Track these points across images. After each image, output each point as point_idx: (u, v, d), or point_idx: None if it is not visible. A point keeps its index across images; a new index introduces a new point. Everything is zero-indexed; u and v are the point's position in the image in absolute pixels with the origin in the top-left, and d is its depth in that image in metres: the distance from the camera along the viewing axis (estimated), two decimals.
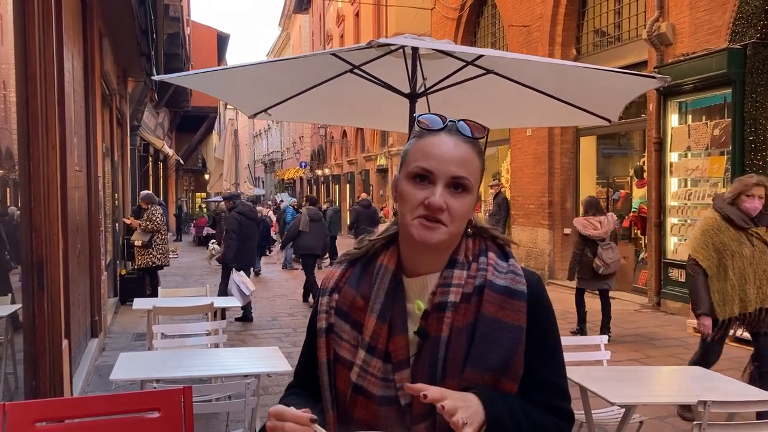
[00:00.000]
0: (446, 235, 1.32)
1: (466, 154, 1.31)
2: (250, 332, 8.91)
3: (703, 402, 2.81)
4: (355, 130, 30.45)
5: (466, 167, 1.31)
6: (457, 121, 1.33)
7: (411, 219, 1.32)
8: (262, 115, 5.44)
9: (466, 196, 1.32)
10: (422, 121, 1.35)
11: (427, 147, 1.32)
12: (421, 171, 1.31)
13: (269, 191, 56.82)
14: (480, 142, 1.35)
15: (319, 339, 1.42)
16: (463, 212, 1.32)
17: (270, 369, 3.62)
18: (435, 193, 1.29)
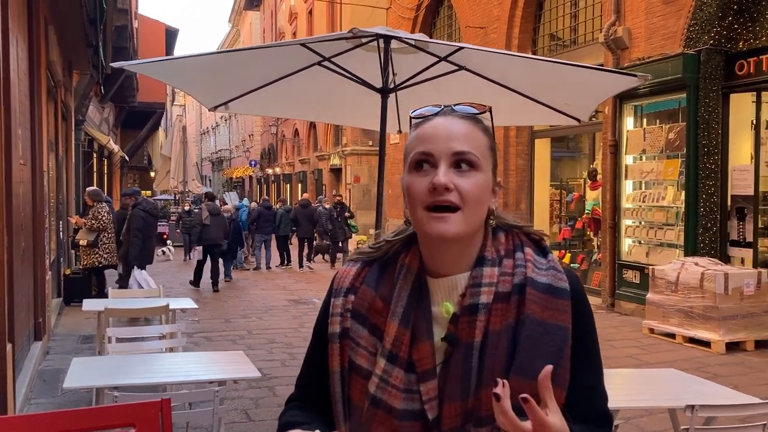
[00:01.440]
0: (463, 223, 1.18)
1: (466, 129, 1.20)
2: (204, 334, 8.62)
3: (691, 406, 2.75)
4: (308, 129, 30.15)
5: (469, 142, 1.19)
6: (453, 105, 1.24)
7: (420, 213, 1.19)
8: (221, 108, 5.21)
9: (475, 174, 1.18)
10: (416, 114, 1.27)
11: (423, 132, 1.22)
12: (420, 156, 1.20)
13: (217, 190, 55.85)
14: (485, 118, 1.24)
15: (332, 345, 1.27)
16: (476, 192, 1.18)
17: (237, 375, 3.42)
18: (438, 173, 1.17)
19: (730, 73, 8.90)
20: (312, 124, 29.20)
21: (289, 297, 12.08)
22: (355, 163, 23.45)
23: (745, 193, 8.83)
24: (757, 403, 2.90)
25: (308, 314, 10.31)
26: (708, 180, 8.89)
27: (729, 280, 7.61)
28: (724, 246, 9.02)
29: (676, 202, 9.48)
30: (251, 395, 5.92)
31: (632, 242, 10.33)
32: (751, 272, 7.88)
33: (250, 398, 5.85)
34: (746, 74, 8.78)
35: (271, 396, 6.00)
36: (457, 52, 4.34)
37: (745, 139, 9.13)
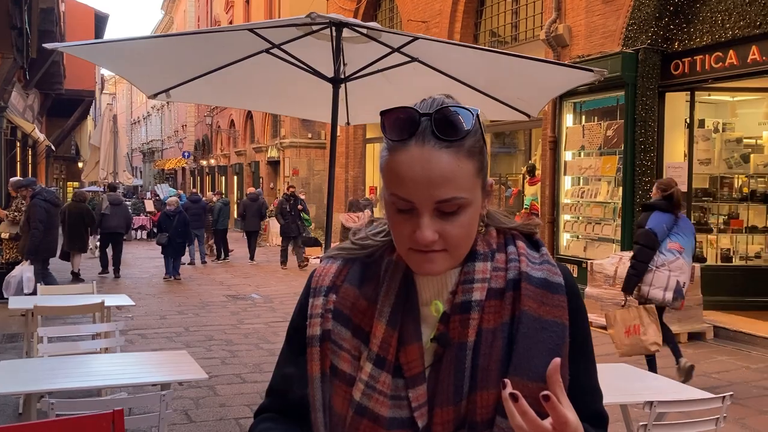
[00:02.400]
0: (450, 261, 1.09)
1: (447, 168, 1.02)
2: (139, 332, 8.29)
3: (650, 403, 2.75)
4: (245, 120, 29.57)
5: (454, 182, 1.03)
6: (433, 115, 1.03)
7: (405, 250, 1.09)
8: (162, 96, 4.96)
9: (463, 214, 1.06)
10: (387, 126, 1.06)
11: (397, 168, 1.04)
12: (399, 201, 1.05)
13: (148, 182, 54.32)
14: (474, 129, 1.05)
15: (311, 349, 1.15)
16: (465, 233, 1.08)
17: (182, 376, 3.23)
18: (421, 226, 1.04)
19: (666, 73, 9.14)
20: (249, 114, 28.66)
21: (227, 292, 11.79)
22: (294, 156, 23.14)
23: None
24: (711, 398, 2.93)
25: (247, 310, 10.08)
26: (644, 176, 9.12)
27: None
28: None
29: (613, 198, 9.70)
30: (191, 395, 5.70)
31: (570, 237, 10.52)
32: None
33: (190, 398, 5.63)
34: (681, 74, 9.04)
35: (212, 395, 5.79)
36: (411, 43, 4.23)
37: (678, 137, 9.41)
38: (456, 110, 1.04)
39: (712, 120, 9.73)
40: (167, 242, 13.12)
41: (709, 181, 9.50)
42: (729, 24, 8.37)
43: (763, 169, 9.56)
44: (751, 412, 5.50)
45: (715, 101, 9.90)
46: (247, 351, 7.48)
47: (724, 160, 9.51)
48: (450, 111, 1.04)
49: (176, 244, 13.31)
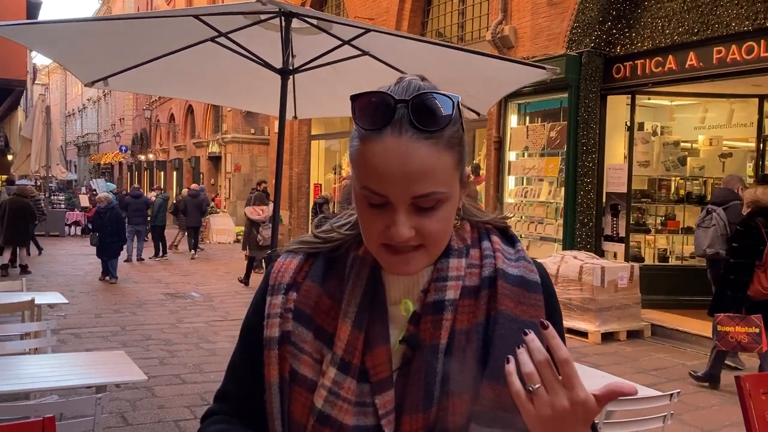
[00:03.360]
0: (427, 258, 1.00)
1: (426, 161, 0.93)
2: (72, 331, 7.94)
3: None
4: (185, 114, 28.90)
5: (432, 176, 0.94)
6: (410, 102, 0.93)
7: (377, 247, 0.99)
8: (99, 84, 4.74)
9: (441, 209, 0.97)
10: (359, 112, 0.96)
11: (370, 160, 0.94)
12: (373, 196, 0.95)
13: (83, 176, 52.60)
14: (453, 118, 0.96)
15: (269, 351, 1.05)
16: (442, 228, 0.99)
17: (119, 378, 3.06)
18: (396, 223, 0.95)
19: (608, 76, 9.34)
20: (189, 108, 28.03)
21: (165, 290, 11.45)
22: (236, 152, 22.73)
23: (619, 190, 9.31)
24: (660, 395, 2.95)
25: (187, 309, 9.81)
26: (586, 177, 9.28)
27: (605, 273, 7.97)
28: (599, 241, 9.47)
29: (555, 198, 9.85)
30: (128, 397, 5.47)
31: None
32: (625, 266, 8.30)
33: (126, 400, 5.40)
34: (623, 77, 9.24)
35: (149, 397, 5.57)
36: (362, 36, 4.15)
37: (619, 139, 9.62)
38: (435, 96, 0.94)
39: (651, 123, 9.99)
40: (99, 242, 12.11)
41: (648, 182, 9.75)
42: (669, 30, 8.59)
43: (698, 171, 9.87)
44: (688, 408, 5.63)
45: (655, 105, 10.17)
46: (187, 351, 7.25)
47: (662, 163, 9.77)
48: (428, 97, 0.94)
49: (107, 244, 12.04)
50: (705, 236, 6.84)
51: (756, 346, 5.44)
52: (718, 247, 6.66)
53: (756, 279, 5.53)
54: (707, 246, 6.65)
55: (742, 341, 5.50)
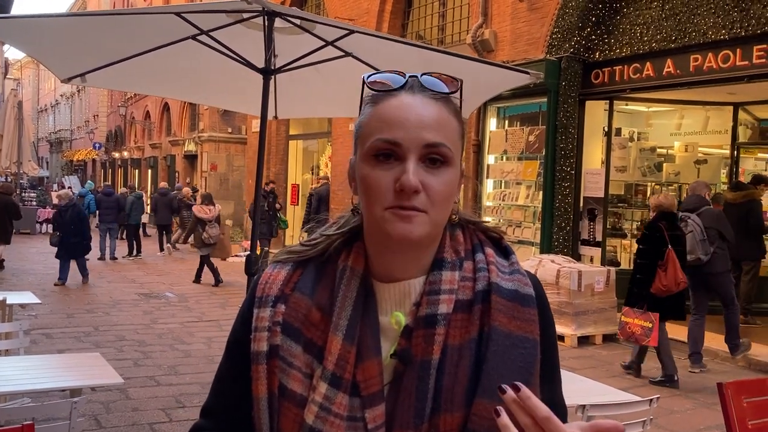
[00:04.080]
0: (429, 225, 0.99)
1: (439, 114, 0.99)
2: (43, 331, 7.78)
3: (582, 406, 2.75)
4: (161, 112, 28.59)
5: (443, 131, 0.99)
6: (420, 75, 1.02)
7: (381, 212, 0.98)
8: (77, 81, 4.64)
9: (447, 171, 0.99)
10: (375, 81, 1.02)
11: (387, 112, 0.98)
12: (384, 145, 0.97)
13: (55, 173, 51.79)
14: (455, 98, 1.03)
15: (257, 366, 1.03)
16: (446, 193, 0.99)
17: (95, 381, 2.99)
18: (407, 170, 0.95)
19: (587, 81, 9.42)
20: (166, 106, 27.74)
21: (140, 290, 11.29)
22: (213, 150, 22.52)
23: (596, 195, 9.39)
24: (640, 401, 2.97)
25: (161, 309, 9.69)
26: (564, 182, 9.35)
27: (582, 277, 8.03)
28: (575, 244, 9.54)
29: (533, 202, 9.90)
30: (101, 399, 5.38)
31: None
32: (602, 270, 8.37)
33: (100, 402, 5.30)
34: (601, 83, 9.32)
35: (123, 399, 5.48)
36: (346, 37, 4.12)
37: (597, 144, 9.70)
38: (440, 74, 1.04)
39: (629, 129, 10.10)
40: (58, 242, 11.30)
41: (624, 187, 9.85)
42: (647, 37, 8.69)
43: (674, 177, 9.99)
44: (663, 411, 5.68)
45: (632, 111, 10.28)
46: (162, 352, 7.15)
47: (639, 168, 9.88)
48: (435, 74, 1.03)
49: (69, 244, 11.28)
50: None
51: (644, 339, 6.20)
52: (699, 253, 6.74)
53: (657, 278, 6.10)
54: (687, 252, 6.71)
55: (636, 333, 6.25)
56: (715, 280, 6.94)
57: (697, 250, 6.76)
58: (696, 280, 6.92)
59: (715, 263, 6.86)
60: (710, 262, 6.81)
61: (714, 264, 6.85)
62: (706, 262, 6.80)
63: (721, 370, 7.05)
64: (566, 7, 9.22)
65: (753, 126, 9.94)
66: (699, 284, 6.94)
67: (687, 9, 8.22)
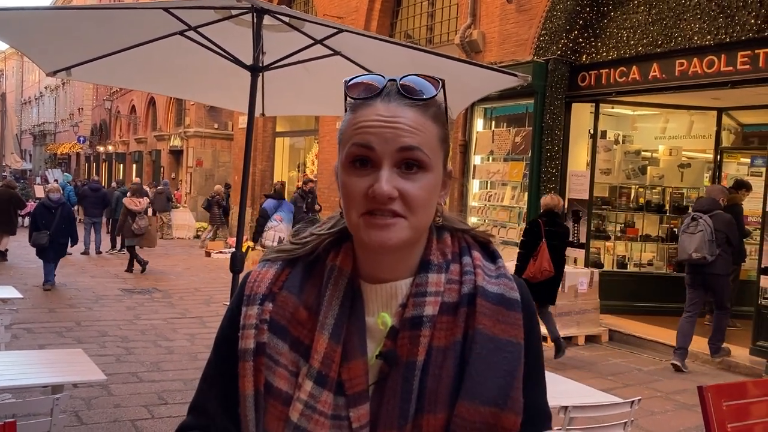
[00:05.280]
0: (408, 230, 0.99)
1: (414, 119, 0.99)
2: (24, 326, 7.71)
3: (564, 407, 2.77)
4: (146, 106, 28.39)
5: (418, 135, 0.98)
6: (399, 79, 1.01)
7: (357, 218, 0.99)
8: (62, 74, 4.61)
9: (424, 176, 0.99)
10: (352, 88, 1.03)
11: (362, 118, 0.99)
12: (358, 151, 0.98)
13: (38, 166, 51.29)
14: (438, 101, 1.02)
15: (244, 363, 1.04)
16: (424, 197, 1.00)
17: (78, 377, 2.97)
18: (380, 178, 0.96)
19: (574, 84, 9.46)
20: (151, 100, 27.55)
21: (123, 286, 11.22)
22: (198, 146, 22.40)
23: (581, 197, 9.45)
24: (621, 402, 3.00)
25: (144, 305, 9.63)
26: (549, 183, 9.39)
27: (566, 278, 8.07)
28: None
29: (518, 203, 9.94)
30: (82, 395, 5.34)
31: None
32: (585, 271, 8.43)
33: (81, 398, 5.26)
34: (587, 86, 9.38)
35: (105, 395, 5.45)
36: (335, 36, 4.12)
37: (582, 146, 9.76)
38: (421, 77, 1.02)
39: (614, 132, 10.16)
40: (48, 243, 10.27)
41: (609, 190, 9.91)
42: (633, 41, 8.75)
43: (658, 180, 10.07)
44: (643, 413, 5.73)
45: (617, 114, 10.34)
46: (144, 348, 7.12)
47: (623, 171, 9.95)
48: (416, 78, 1.02)
49: (59, 245, 10.50)
50: (690, 241, 7.07)
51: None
52: (705, 252, 6.95)
53: (528, 266, 6.83)
54: (694, 250, 6.96)
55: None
56: (716, 281, 7.14)
57: (704, 249, 6.95)
58: (696, 278, 7.19)
59: (718, 265, 7.05)
60: (713, 263, 7.01)
61: (717, 265, 7.05)
62: (711, 262, 7.00)
63: (701, 372, 7.14)
64: (554, 9, 9.26)
65: (736, 131, 10.05)
66: (698, 283, 7.20)
67: (673, 14, 8.28)
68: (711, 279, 7.11)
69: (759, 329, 7.33)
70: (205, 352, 7.05)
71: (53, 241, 10.35)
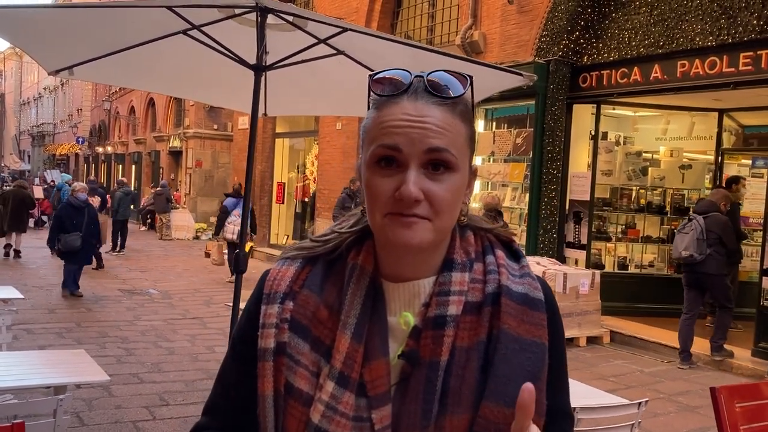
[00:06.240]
0: (432, 232, 0.97)
1: (443, 118, 0.96)
2: (24, 326, 7.68)
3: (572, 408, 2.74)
4: (146, 107, 28.36)
5: (446, 135, 0.96)
6: (426, 75, 0.99)
7: (381, 218, 0.97)
8: (65, 73, 4.59)
9: (451, 177, 0.97)
10: (377, 83, 1.00)
11: (388, 117, 0.97)
12: (384, 151, 0.96)
13: (36, 167, 51.25)
14: (465, 99, 1.00)
15: (263, 363, 1.02)
16: (451, 200, 0.98)
17: (81, 378, 2.95)
18: (407, 180, 0.94)
19: (575, 85, 9.46)
20: (151, 101, 27.52)
21: (122, 286, 11.19)
22: (198, 147, 22.37)
23: (582, 198, 9.44)
24: (628, 404, 2.98)
25: (144, 306, 9.60)
26: (550, 184, 9.38)
27: (567, 279, 8.07)
28: (561, 247, 9.58)
29: (519, 204, 9.93)
30: (84, 396, 5.31)
31: None
32: (587, 273, 8.41)
33: (82, 399, 5.24)
34: (588, 87, 9.37)
35: (106, 396, 5.42)
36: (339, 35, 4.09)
37: (583, 147, 9.75)
38: (449, 73, 1.00)
39: (615, 133, 10.16)
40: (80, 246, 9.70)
41: (610, 191, 9.91)
42: (635, 42, 8.74)
43: (659, 182, 10.07)
44: (646, 414, 5.69)
45: (618, 115, 10.34)
46: (145, 349, 7.09)
47: (624, 172, 9.94)
48: (443, 74, 1.00)
49: (90, 246, 10.08)
50: (682, 240, 7.26)
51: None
52: (693, 251, 7.12)
53: None
54: (683, 249, 7.15)
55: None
56: (710, 281, 7.22)
57: (691, 248, 7.09)
58: (690, 278, 7.32)
59: (710, 264, 7.13)
60: (705, 262, 7.10)
61: (708, 265, 7.12)
62: (701, 261, 7.10)
63: (703, 374, 7.12)
64: (555, 10, 9.26)
65: (737, 132, 10.04)
66: (693, 283, 7.31)
67: (675, 15, 8.28)
68: (704, 278, 7.22)
69: (761, 331, 7.33)
70: (206, 353, 7.05)
71: (84, 243, 9.84)
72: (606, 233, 9.87)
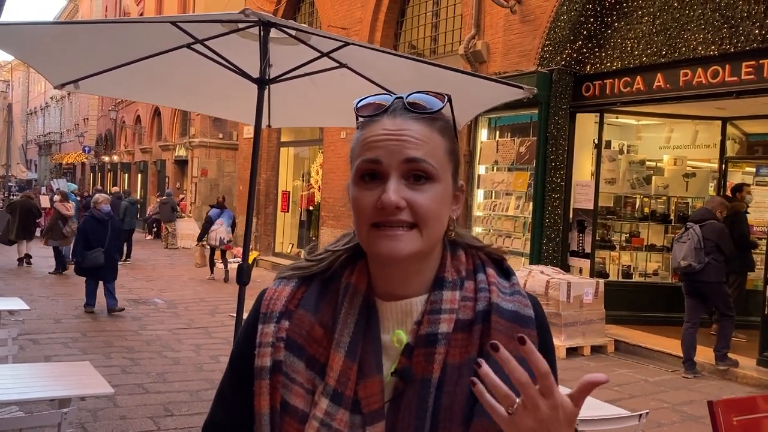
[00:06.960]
0: (418, 241, 1.00)
1: (420, 131, 1.01)
2: (30, 337, 7.72)
3: None
4: (151, 117, 28.50)
5: (424, 147, 1.00)
6: (406, 96, 1.04)
7: (367, 230, 1.00)
8: (70, 87, 4.64)
9: (432, 187, 1.00)
10: (362, 108, 1.06)
11: (369, 134, 1.02)
12: (366, 165, 1.00)
13: (43, 176, 51.46)
14: (444, 115, 1.05)
15: (260, 382, 1.04)
16: (433, 208, 1.00)
17: (85, 391, 2.98)
18: (387, 189, 0.98)
19: (578, 94, 9.48)
20: (156, 111, 27.66)
21: (128, 296, 11.22)
22: (203, 156, 22.46)
23: (586, 207, 9.45)
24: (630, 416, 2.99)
25: (150, 315, 9.64)
26: (554, 193, 9.39)
27: (571, 288, 8.07)
28: (564, 256, 9.57)
29: (523, 213, 9.94)
30: (89, 406, 5.34)
31: None
32: (591, 281, 8.41)
33: (87, 410, 5.27)
34: (592, 96, 9.39)
35: (111, 407, 5.45)
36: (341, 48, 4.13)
37: (587, 156, 9.76)
38: (427, 93, 1.05)
39: (618, 142, 10.16)
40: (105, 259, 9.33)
41: (614, 200, 9.91)
42: (638, 51, 8.77)
43: (662, 190, 10.07)
44: (650, 424, 5.70)
45: (621, 124, 10.35)
46: (150, 359, 7.12)
47: (628, 181, 9.95)
48: (421, 94, 1.04)
49: (113, 261, 9.59)
50: (680, 250, 7.28)
51: None
52: (691, 260, 7.14)
53: None
54: (681, 258, 7.17)
55: None
56: (710, 289, 7.23)
57: (690, 257, 7.11)
58: (690, 287, 7.34)
59: (709, 272, 7.14)
60: (704, 271, 7.11)
61: (708, 273, 7.13)
62: (699, 270, 7.11)
63: (708, 383, 7.11)
64: (558, 20, 9.29)
65: (741, 140, 10.04)
66: (692, 292, 7.33)
67: (677, 24, 8.30)
68: (703, 287, 7.24)
69: (766, 339, 7.30)
70: (211, 363, 7.07)
71: (108, 258, 9.37)
72: (610, 242, 9.86)
